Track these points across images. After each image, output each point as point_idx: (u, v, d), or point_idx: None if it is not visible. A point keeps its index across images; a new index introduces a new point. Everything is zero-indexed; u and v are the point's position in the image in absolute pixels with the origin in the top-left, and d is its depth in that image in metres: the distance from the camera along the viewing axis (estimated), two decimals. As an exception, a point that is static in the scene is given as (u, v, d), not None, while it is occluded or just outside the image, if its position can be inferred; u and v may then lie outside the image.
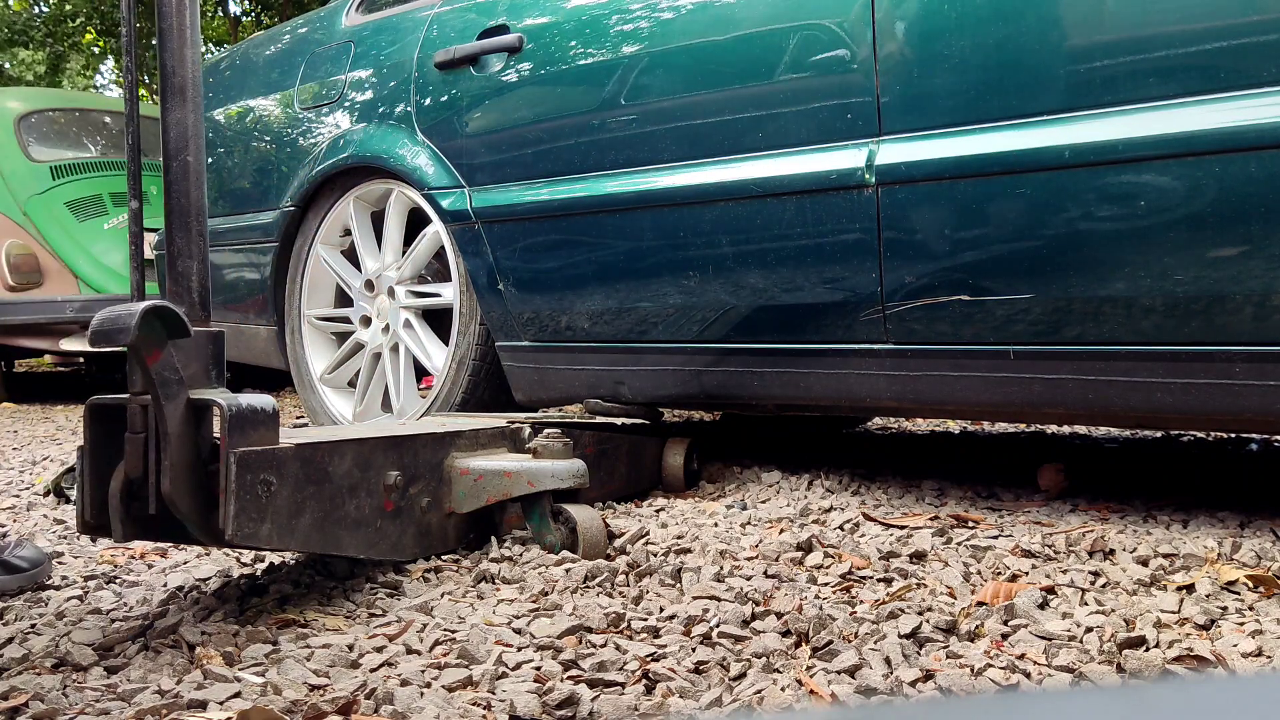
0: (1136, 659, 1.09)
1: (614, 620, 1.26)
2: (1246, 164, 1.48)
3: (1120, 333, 1.63)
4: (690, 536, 1.66)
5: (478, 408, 2.42)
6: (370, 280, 2.62)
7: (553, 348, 2.31)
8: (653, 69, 2.07)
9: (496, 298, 2.34)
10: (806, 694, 1.05)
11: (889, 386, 1.87)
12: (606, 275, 2.17)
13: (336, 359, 2.71)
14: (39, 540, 1.82)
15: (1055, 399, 1.72)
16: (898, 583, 1.39)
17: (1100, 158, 1.59)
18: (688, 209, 2.03)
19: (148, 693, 1.06)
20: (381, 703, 1.03)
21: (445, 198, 2.40)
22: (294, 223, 2.79)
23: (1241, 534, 1.65)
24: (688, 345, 2.11)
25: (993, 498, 2.01)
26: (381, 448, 1.50)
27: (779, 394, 2.02)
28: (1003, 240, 1.69)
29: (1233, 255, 1.52)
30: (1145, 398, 1.63)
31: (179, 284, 1.27)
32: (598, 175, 2.16)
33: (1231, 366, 1.55)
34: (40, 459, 2.91)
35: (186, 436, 1.23)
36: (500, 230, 2.31)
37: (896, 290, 1.80)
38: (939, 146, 1.74)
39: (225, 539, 1.25)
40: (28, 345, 5.26)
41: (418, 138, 2.47)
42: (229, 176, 3.05)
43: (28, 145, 5.23)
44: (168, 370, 1.20)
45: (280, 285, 2.85)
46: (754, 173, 1.94)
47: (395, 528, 1.52)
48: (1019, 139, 1.66)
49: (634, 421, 2.20)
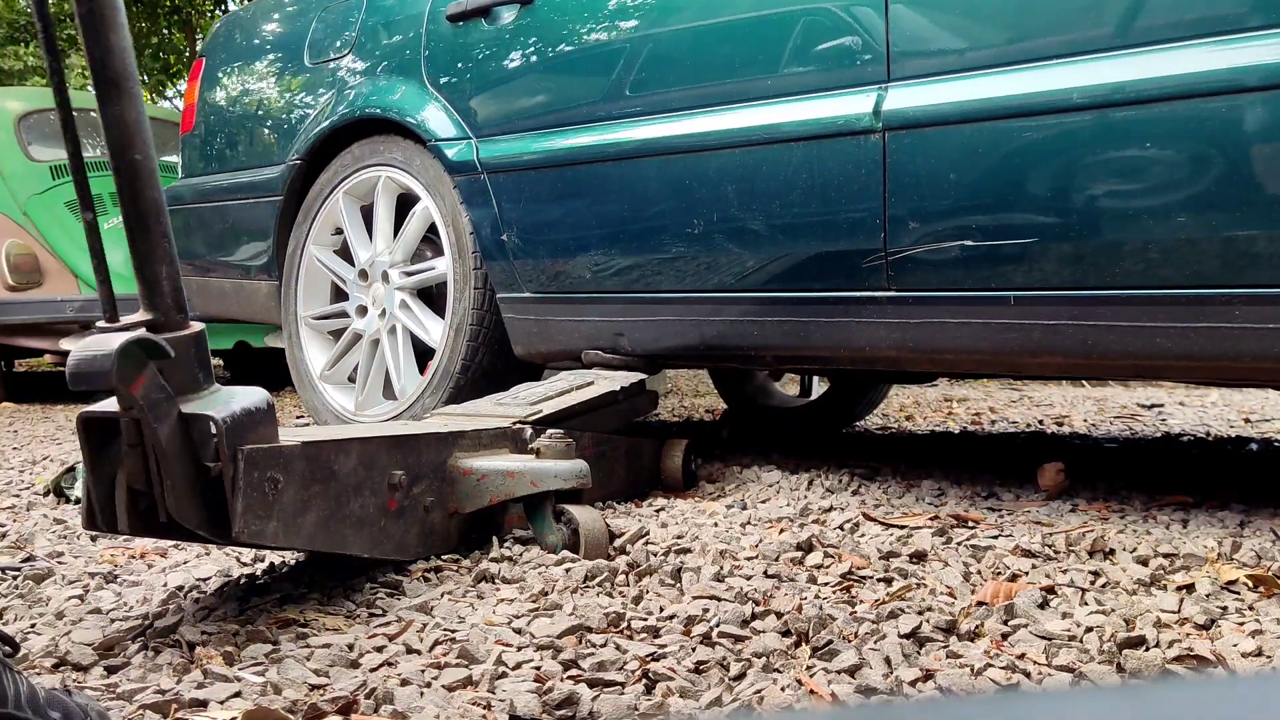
0: (1136, 659, 1.09)
1: (614, 620, 1.26)
2: (1252, 106, 1.49)
3: (1122, 277, 1.63)
4: (690, 536, 1.66)
5: (479, 376, 2.42)
6: (364, 270, 2.63)
7: (554, 299, 2.32)
8: (662, 18, 2.10)
9: (500, 249, 2.36)
10: (806, 694, 1.05)
11: (889, 335, 1.87)
12: (611, 224, 2.18)
13: (335, 354, 2.71)
14: (39, 540, 1.82)
15: (1054, 345, 1.72)
16: (898, 582, 1.39)
17: (1109, 100, 1.59)
18: (694, 156, 2.05)
19: (148, 692, 1.06)
20: (381, 702, 1.03)
21: (452, 148, 2.42)
22: (300, 177, 2.79)
23: (1241, 534, 1.65)
24: (689, 295, 2.12)
25: (993, 498, 2.01)
26: (386, 447, 1.50)
27: (779, 344, 2.02)
28: (1008, 185, 1.70)
29: (1235, 197, 1.52)
30: (1145, 342, 1.63)
31: (151, 290, 1.21)
32: (605, 124, 2.19)
33: (1232, 310, 1.55)
34: (40, 459, 2.91)
35: (183, 450, 1.21)
36: (506, 180, 2.34)
37: (900, 236, 1.80)
38: (947, 91, 1.74)
39: (233, 537, 1.25)
40: (28, 345, 5.25)
41: (427, 90, 2.49)
42: (236, 132, 3.05)
43: (28, 145, 5.23)
44: (154, 391, 1.16)
45: (284, 241, 2.85)
46: (760, 120, 1.95)
47: (399, 527, 1.52)
48: (1027, 82, 1.67)
49: (633, 380, 2.19)
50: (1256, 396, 5.00)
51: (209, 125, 3.14)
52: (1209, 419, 3.89)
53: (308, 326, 2.80)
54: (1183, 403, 4.66)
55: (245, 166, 2.98)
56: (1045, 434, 3.33)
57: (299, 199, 2.82)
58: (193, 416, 1.21)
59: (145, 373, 1.15)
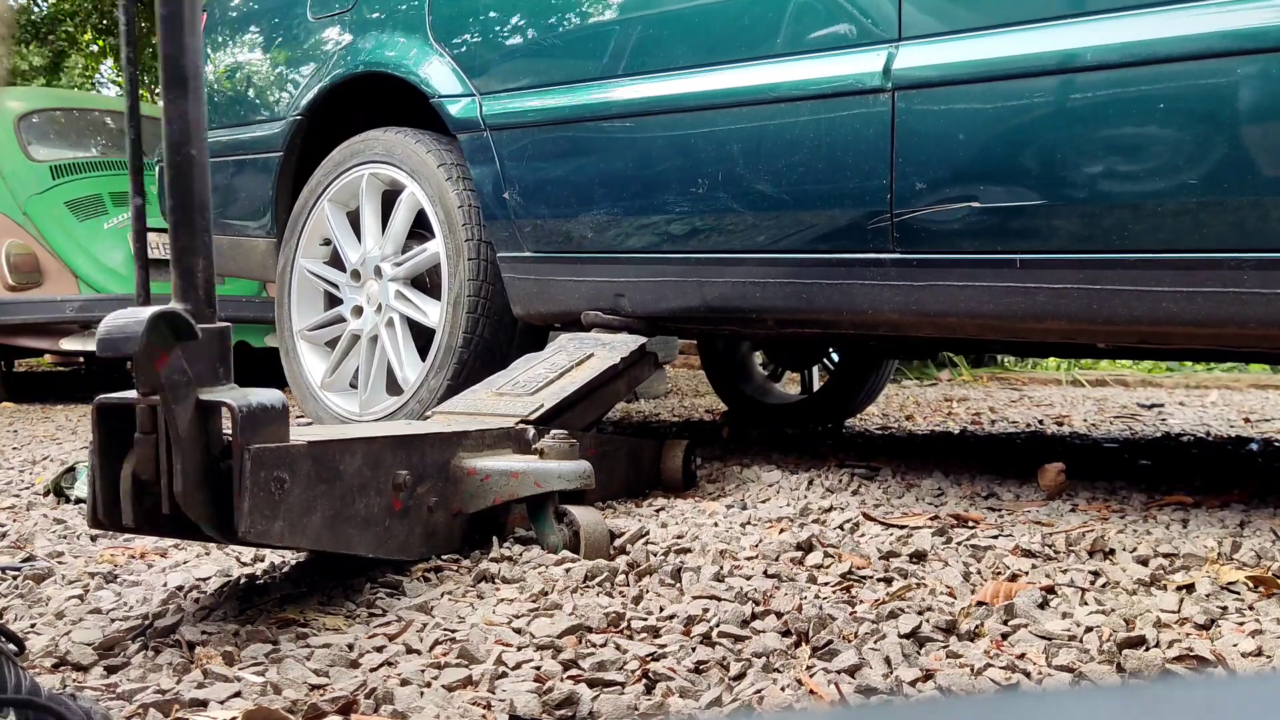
0: (1136, 659, 1.09)
1: (614, 620, 1.26)
2: (1267, 68, 1.48)
3: (1130, 240, 1.62)
4: (690, 536, 1.66)
5: (481, 349, 2.42)
6: (356, 270, 2.63)
7: (555, 258, 2.31)
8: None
9: (501, 207, 2.35)
10: (806, 694, 1.05)
11: (892, 297, 1.86)
12: (614, 183, 2.17)
13: (334, 360, 2.71)
14: (39, 540, 1.82)
15: (1059, 309, 1.71)
16: (898, 582, 1.39)
17: (1122, 59, 1.58)
18: (700, 114, 2.04)
19: (148, 692, 1.06)
20: (381, 702, 1.03)
21: (454, 104, 2.41)
22: (300, 134, 2.78)
23: (1241, 534, 1.65)
24: (692, 255, 2.10)
25: (993, 498, 2.01)
26: (390, 446, 1.50)
27: (781, 306, 2.01)
28: (1018, 146, 1.69)
29: (1246, 160, 1.52)
30: (1151, 307, 1.62)
31: (186, 281, 1.25)
32: (611, 81, 2.18)
33: (1240, 274, 1.55)
34: (40, 459, 2.91)
35: (197, 438, 1.22)
36: (509, 138, 2.33)
37: (907, 198, 1.79)
38: (959, 50, 1.73)
39: (239, 536, 1.25)
40: (28, 345, 5.25)
41: (431, 46, 2.48)
42: (236, 88, 3.04)
43: (28, 145, 5.22)
44: (176, 373, 1.19)
45: (283, 196, 2.84)
46: (768, 78, 1.94)
47: (403, 527, 1.52)
48: (1041, 40, 1.66)
49: (633, 347, 2.16)
50: (1256, 396, 5.00)
51: (209, 81, 3.12)
52: (1209, 419, 3.89)
53: (304, 340, 2.80)
54: (1183, 403, 4.66)
55: (245, 123, 2.97)
56: (1045, 434, 3.33)
57: (299, 156, 2.81)
58: (210, 404, 1.23)
59: (171, 352, 1.17)
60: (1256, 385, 5.47)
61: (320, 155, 2.79)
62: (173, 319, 1.17)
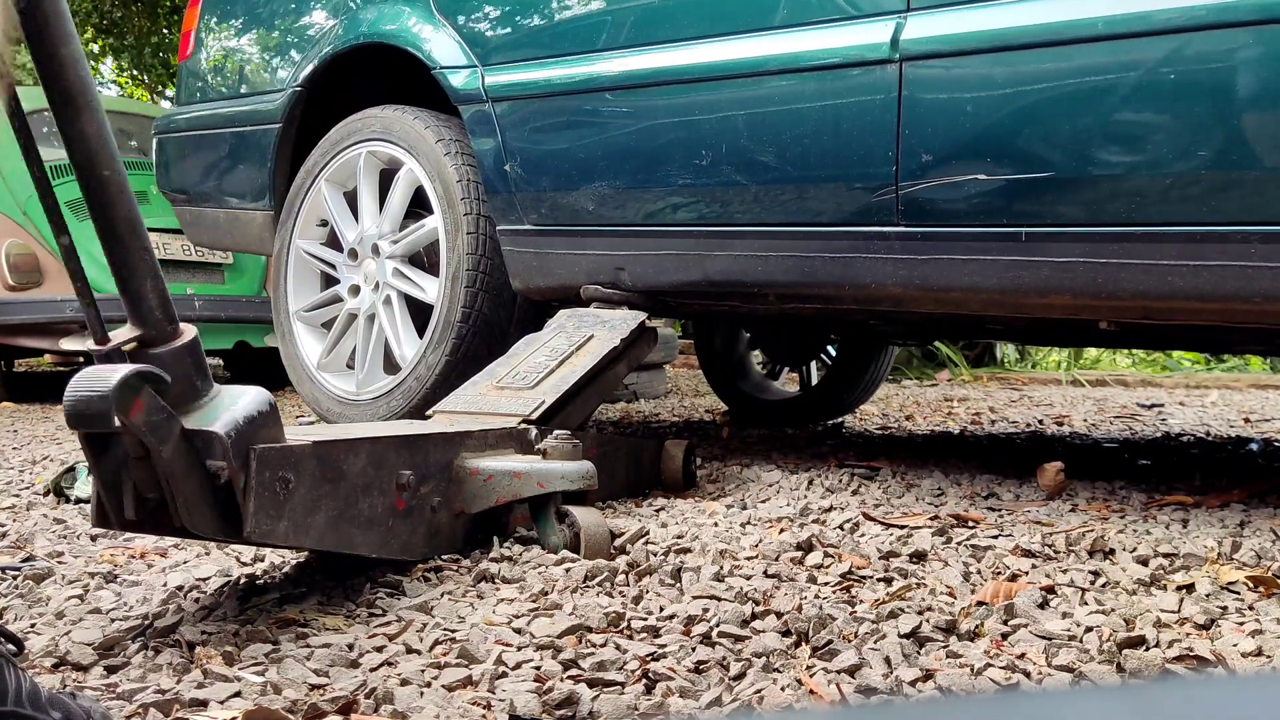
0: (1136, 659, 1.09)
1: (614, 620, 1.26)
2: (1276, 37, 1.47)
3: (1137, 213, 1.61)
4: (690, 536, 1.66)
5: (480, 324, 2.41)
6: (354, 249, 2.63)
7: (555, 231, 2.30)
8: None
9: (502, 180, 2.34)
10: (806, 694, 1.05)
11: (896, 271, 1.85)
12: (616, 155, 2.16)
13: (331, 340, 2.71)
14: (39, 540, 1.82)
15: (1064, 283, 1.69)
16: (898, 582, 1.39)
17: (1133, 29, 1.57)
18: (704, 85, 2.02)
19: (148, 692, 1.06)
20: (381, 702, 1.03)
21: (456, 75, 2.40)
22: (300, 105, 2.77)
23: (1241, 534, 1.65)
24: (693, 228, 2.09)
25: (993, 497, 2.01)
26: (394, 446, 1.50)
27: (783, 280, 2.00)
28: (1026, 118, 1.67)
29: (1255, 132, 1.51)
30: (1158, 280, 1.61)
31: (138, 306, 1.17)
32: (615, 52, 2.16)
33: (1247, 247, 1.54)
34: (40, 459, 2.91)
35: (191, 468, 1.19)
36: (511, 109, 2.31)
37: (912, 170, 1.78)
38: (968, 20, 1.72)
39: (244, 537, 1.25)
40: (28, 345, 5.25)
41: (433, 17, 2.47)
42: (236, 59, 3.03)
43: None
44: (154, 414, 1.14)
45: (282, 169, 2.83)
46: (773, 49, 1.93)
47: (406, 527, 1.52)
48: (1052, 10, 1.64)
49: (632, 326, 2.14)
50: (1256, 396, 5.01)
51: (209, 52, 3.10)
52: (1209, 419, 3.89)
53: (300, 321, 2.80)
54: (1183, 403, 4.66)
55: (244, 94, 2.96)
56: (1045, 434, 3.33)
57: (299, 128, 2.79)
58: (194, 433, 1.19)
59: (141, 397, 1.12)
60: (1256, 385, 5.48)
61: (320, 129, 2.77)
62: (142, 377, 1.11)
